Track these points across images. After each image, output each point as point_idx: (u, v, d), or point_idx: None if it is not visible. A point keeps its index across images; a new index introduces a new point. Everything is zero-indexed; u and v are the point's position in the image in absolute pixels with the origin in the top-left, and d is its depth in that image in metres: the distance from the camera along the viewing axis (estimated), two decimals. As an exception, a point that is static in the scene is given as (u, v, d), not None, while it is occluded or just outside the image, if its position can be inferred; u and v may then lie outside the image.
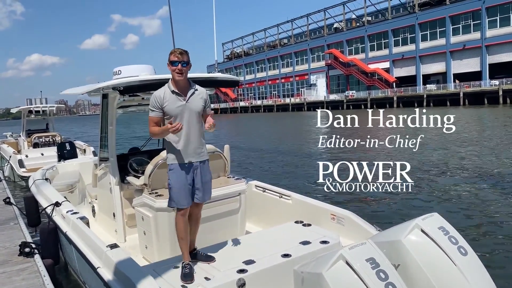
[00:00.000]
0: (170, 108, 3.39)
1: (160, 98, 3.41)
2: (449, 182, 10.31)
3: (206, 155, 3.62)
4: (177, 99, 3.41)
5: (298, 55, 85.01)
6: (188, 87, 3.48)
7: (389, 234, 3.35)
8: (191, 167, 3.50)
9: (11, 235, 5.88)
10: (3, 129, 25.50)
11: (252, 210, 5.28)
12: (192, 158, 3.49)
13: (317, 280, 2.71)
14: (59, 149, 12.14)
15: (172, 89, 3.42)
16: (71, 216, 4.76)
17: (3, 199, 7.91)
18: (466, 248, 3.08)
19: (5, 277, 4.43)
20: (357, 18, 77.65)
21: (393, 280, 2.62)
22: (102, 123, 5.21)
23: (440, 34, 59.91)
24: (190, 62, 3.46)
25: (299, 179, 11.21)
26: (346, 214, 4.35)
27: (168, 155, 3.55)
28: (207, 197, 3.64)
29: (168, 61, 3.39)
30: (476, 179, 10.53)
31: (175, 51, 3.36)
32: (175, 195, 3.48)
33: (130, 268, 3.33)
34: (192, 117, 3.45)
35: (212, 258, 3.58)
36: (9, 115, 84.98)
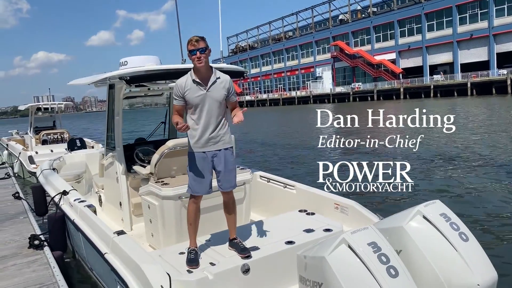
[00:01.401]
0: (191, 97, 3.38)
1: (182, 86, 3.39)
2: (453, 175, 10.30)
3: (228, 143, 3.55)
4: (198, 88, 3.38)
5: (303, 47, 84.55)
6: (210, 76, 3.43)
7: (391, 220, 3.37)
8: (209, 156, 3.47)
9: (21, 228, 5.97)
10: (9, 127, 25.69)
11: (257, 200, 5.32)
12: (210, 147, 3.46)
13: (319, 264, 2.73)
14: (69, 146, 12.28)
15: (193, 78, 3.39)
16: (78, 204, 4.85)
17: (12, 194, 8.03)
18: (467, 234, 3.09)
19: (16, 269, 4.50)
20: (362, 9, 77.00)
21: (394, 263, 2.64)
22: (108, 113, 5.26)
23: (446, 24, 59.23)
24: (209, 47, 3.39)
25: (303, 174, 11.20)
26: (349, 203, 4.40)
27: (188, 142, 3.54)
28: (228, 185, 3.56)
29: (187, 51, 3.36)
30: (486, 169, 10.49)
31: (191, 39, 3.32)
32: (190, 182, 3.50)
33: (136, 254, 3.40)
34: (212, 106, 3.41)
35: (247, 252, 3.42)
36: (17, 113, 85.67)
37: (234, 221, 3.66)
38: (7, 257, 4.86)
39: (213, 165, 3.51)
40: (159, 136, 6.42)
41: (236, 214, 3.71)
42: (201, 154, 3.47)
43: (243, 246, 3.50)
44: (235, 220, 3.68)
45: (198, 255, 3.45)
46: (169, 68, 4.33)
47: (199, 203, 3.58)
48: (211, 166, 3.50)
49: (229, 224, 3.67)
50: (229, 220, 3.67)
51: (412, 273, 2.75)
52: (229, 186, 3.58)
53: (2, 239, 5.53)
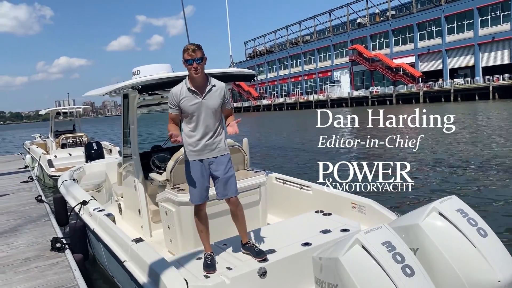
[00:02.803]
0: (186, 105, 3.37)
1: (177, 95, 3.38)
2: (472, 174, 10.10)
3: (224, 150, 3.53)
4: (194, 96, 3.37)
5: (321, 51, 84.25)
6: (205, 84, 3.41)
7: (407, 218, 3.32)
8: (206, 163, 3.47)
9: (43, 231, 6.09)
10: (32, 131, 26.35)
11: (273, 202, 5.31)
12: (206, 155, 3.45)
13: (334, 265, 2.71)
14: (86, 149, 12.47)
15: (188, 86, 3.38)
16: (97, 214, 4.91)
17: (35, 197, 8.21)
18: (486, 229, 3.01)
19: (38, 271, 4.59)
20: (380, 12, 76.30)
21: (410, 262, 2.58)
22: (124, 122, 5.32)
23: (467, 26, 58.20)
24: (205, 56, 3.36)
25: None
26: (367, 202, 4.35)
27: (184, 150, 3.56)
28: (228, 192, 3.51)
29: (183, 60, 3.34)
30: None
31: (188, 48, 3.29)
32: (190, 191, 3.54)
33: (154, 261, 3.42)
34: (208, 114, 3.40)
35: (263, 255, 3.39)
36: (38, 117, 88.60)
37: (243, 226, 3.61)
38: (30, 259, 4.97)
39: (210, 173, 3.50)
40: None
41: (245, 218, 3.64)
42: (198, 162, 3.46)
43: (258, 249, 3.46)
44: (245, 225, 3.63)
45: (215, 260, 3.45)
46: (180, 76, 4.31)
47: (204, 210, 3.58)
48: (208, 173, 3.49)
49: (239, 230, 3.64)
50: (238, 226, 3.63)
51: (429, 271, 2.69)
52: (227, 193, 3.51)
53: (25, 242, 5.65)
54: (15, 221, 6.77)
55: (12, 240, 5.77)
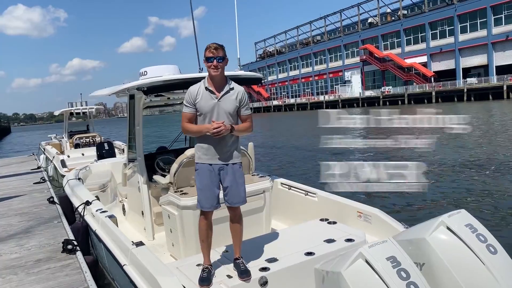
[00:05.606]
0: (201, 105, 3.26)
1: (194, 94, 3.29)
2: (482, 182, 9.90)
3: (237, 157, 3.39)
4: (210, 96, 3.27)
5: (331, 51, 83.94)
6: (224, 85, 3.31)
7: (414, 232, 3.21)
8: (217, 169, 3.33)
9: (55, 232, 6.12)
10: (48, 132, 26.72)
11: (278, 207, 5.26)
12: (219, 160, 3.32)
13: (336, 279, 2.64)
14: (98, 149, 12.57)
15: (206, 85, 3.28)
16: (100, 215, 4.89)
17: (47, 198, 8.28)
18: (495, 246, 2.90)
19: (50, 273, 4.61)
20: (392, 12, 75.74)
21: (415, 279, 2.49)
22: (129, 123, 5.31)
23: (481, 25, 57.47)
24: (227, 57, 3.29)
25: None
26: (373, 211, 4.25)
27: (195, 153, 3.42)
28: (235, 200, 3.37)
29: (204, 57, 3.26)
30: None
31: (210, 46, 3.22)
32: (199, 196, 3.38)
33: (153, 265, 3.34)
34: (222, 117, 3.26)
35: (246, 276, 3.22)
36: (52, 118, 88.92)
37: (239, 238, 3.47)
38: (42, 261, 5.00)
39: (220, 179, 3.36)
40: (181, 144, 6.37)
41: (242, 230, 3.50)
42: (207, 166, 3.33)
43: (245, 267, 3.29)
44: (241, 238, 3.49)
45: (212, 274, 3.32)
46: (186, 77, 4.27)
47: (210, 219, 3.40)
48: (218, 179, 3.35)
49: (234, 242, 3.49)
50: (234, 237, 3.48)
51: (435, 287, 2.60)
52: (237, 201, 3.38)
53: (38, 243, 5.69)
54: (28, 222, 6.82)
55: (25, 241, 5.82)
